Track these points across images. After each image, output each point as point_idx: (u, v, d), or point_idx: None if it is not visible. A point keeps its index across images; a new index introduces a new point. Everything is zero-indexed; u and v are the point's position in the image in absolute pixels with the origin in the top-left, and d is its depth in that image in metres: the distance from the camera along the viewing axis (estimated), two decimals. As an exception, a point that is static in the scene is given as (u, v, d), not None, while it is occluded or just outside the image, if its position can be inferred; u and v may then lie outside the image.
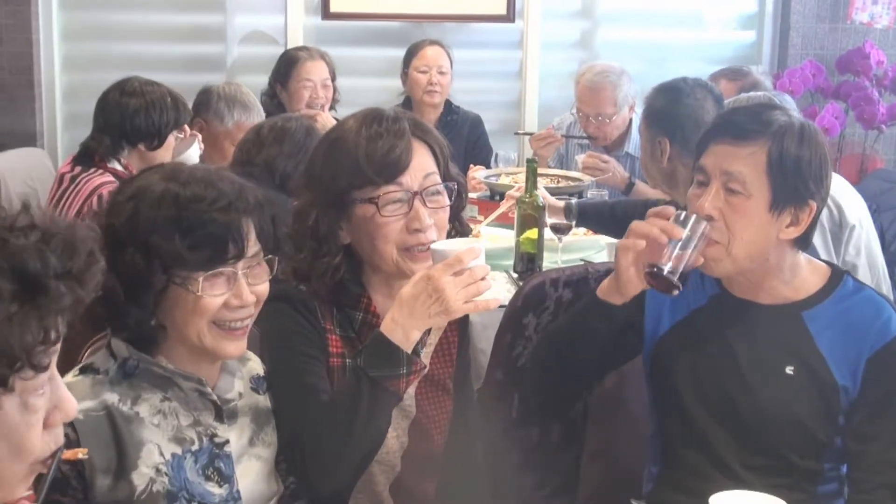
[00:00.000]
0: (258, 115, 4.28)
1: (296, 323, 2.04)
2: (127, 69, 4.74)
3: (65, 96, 5.51)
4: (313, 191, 2.08)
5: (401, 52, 5.24)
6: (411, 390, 2.12)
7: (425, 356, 2.14)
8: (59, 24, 5.45)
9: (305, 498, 2.02)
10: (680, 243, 2.03)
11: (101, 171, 3.56)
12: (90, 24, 5.51)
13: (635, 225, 2.06)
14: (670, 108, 3.30)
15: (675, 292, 2.03)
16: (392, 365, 1.89)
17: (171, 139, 3.62)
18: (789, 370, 2.14)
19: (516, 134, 5.52)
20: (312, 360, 2.03)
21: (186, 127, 3.70)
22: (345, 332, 2.09)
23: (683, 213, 2.06)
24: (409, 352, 1.90)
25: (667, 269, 2.02)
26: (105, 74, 5.34)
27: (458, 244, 1.97)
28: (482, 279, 1.90)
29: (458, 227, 2.19)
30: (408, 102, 5.17)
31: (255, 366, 2.03)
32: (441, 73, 5.13)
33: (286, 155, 3.30)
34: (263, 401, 1.99)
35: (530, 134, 5.05)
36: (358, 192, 2.03)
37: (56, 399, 1.27)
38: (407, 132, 2.05)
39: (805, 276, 2.18)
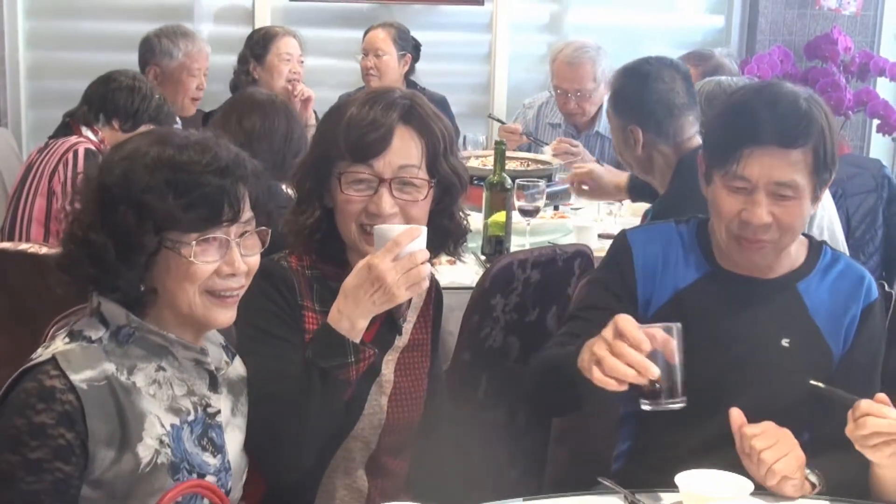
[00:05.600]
0: (200, 39, 4.56)
1: (272, 302, 2.04)
2: (93, 48, 4.71)
3: (30, 74, 5.41)
4: (310, 151, 2.13)
5: (367, 34, 5.20)
6: (391, 366, 2.13)
7: (406, 332, 2.15)
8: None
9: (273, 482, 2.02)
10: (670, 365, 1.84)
11: (75, 135, 3.63)
12: (55, 1, 5.41)
13: (608, 364, 1.80)
14: (638, 94, 3.08)
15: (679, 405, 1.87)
16: (339, 355, 1.93)
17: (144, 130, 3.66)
18: (785, 342, 2.15)
19: (489, 116, 5.48)
20: (282, 341, 2.02)
21: None
22: (324, 308, 2.04)
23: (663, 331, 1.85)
24: (357, 340, 1.94)
25: (664, 397, 1.84)
26: (71, 53, 5.34)
27: (400, 227, 1.95)
28: (422, 263, 1.91)
29: (449, 224, 2.13)
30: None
31: (217, 335, 2.00)
32: (377, 56, 5.02)
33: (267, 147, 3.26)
34: (233, 369, 1.96)
35: (501, 122, 5.04)
36: (333, 164, 2.05)
37: None
38: (394, 118, 2.02)
39: (796, 246, 2.20)
